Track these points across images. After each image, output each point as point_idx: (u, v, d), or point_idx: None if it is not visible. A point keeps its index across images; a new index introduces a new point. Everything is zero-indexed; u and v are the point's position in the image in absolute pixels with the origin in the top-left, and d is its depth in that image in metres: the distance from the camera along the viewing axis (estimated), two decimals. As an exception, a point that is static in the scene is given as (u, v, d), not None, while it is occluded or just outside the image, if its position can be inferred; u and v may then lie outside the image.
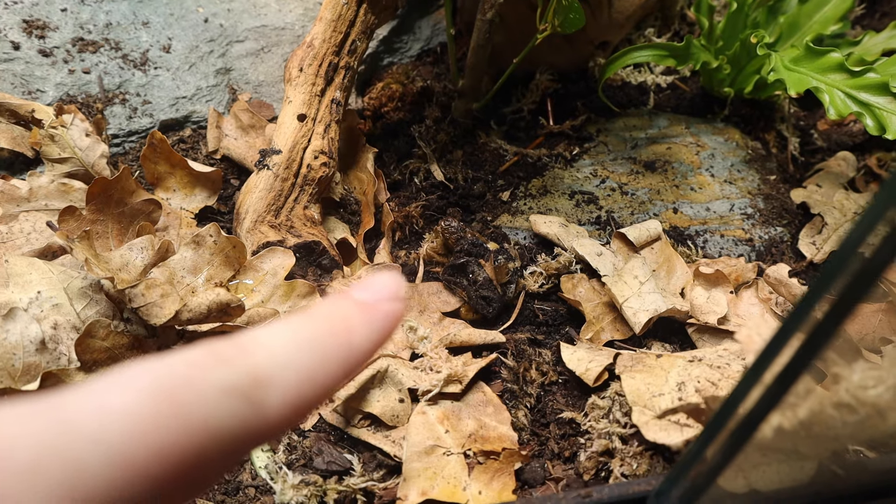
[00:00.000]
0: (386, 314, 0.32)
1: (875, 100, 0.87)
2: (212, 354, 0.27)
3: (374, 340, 0.31)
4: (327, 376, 0.29)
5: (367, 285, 0.33)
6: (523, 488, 0.70)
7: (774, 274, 0.84)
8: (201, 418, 0.25)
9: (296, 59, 0.93)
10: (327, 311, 0.31)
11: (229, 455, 0.26)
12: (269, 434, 0.27)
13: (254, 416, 0.26)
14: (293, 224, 0.87)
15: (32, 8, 1.09)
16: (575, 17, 0.88)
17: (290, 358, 0.28)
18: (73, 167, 0.94)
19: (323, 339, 0.29)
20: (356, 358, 0.30)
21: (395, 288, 0.33)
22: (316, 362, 0.29)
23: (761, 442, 0.52)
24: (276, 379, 0.27)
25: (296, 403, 0.28)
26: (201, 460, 0.25)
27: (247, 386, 0.26)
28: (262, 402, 0.26)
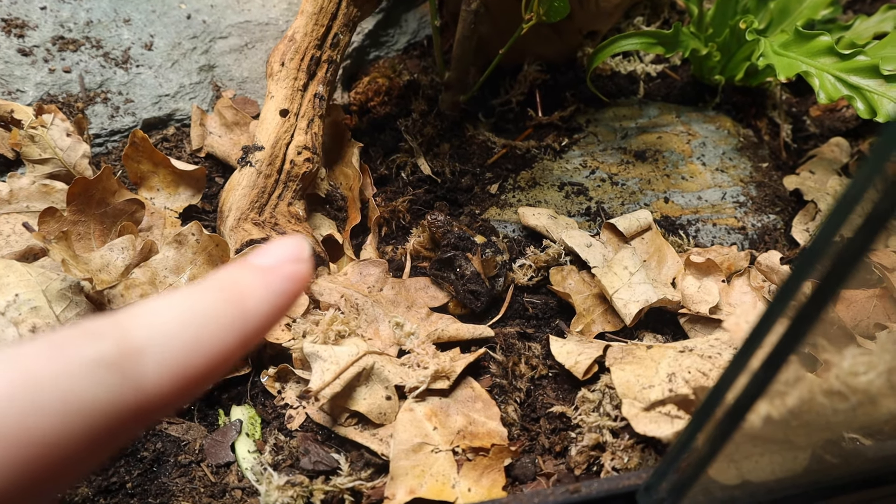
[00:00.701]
0: (286, 276, 0.31)
1: (865, 83, 0.85)
2: (80, 330, 0.25)
3: (273, 303, 0.30)
4: (215, 343, 0.28)
5: (266, 250, 0.32)
6: (514, 484, 0.69)
7: (766, 261, 0.83)
8: (62, 394, 0.23)
9: (277, 53, 0.92)
10: (217, 278, 0.30)
11: (108, 433, 0.25)
12: (151, 407, 0.26)
13: (127, 388, 0.25)
14: (277, 221, 0.86)
15: (11, 6, 1.07)
16: (559, 5, 0.87)
17: (168, 326, 0.27)
18: (54, 168, 0.93)
19: (210, 306, 0.28)
20: (252, 323, 0.29)
21: (296, 250, 0.32)
22: (201, 329, 0.27)
23: (751, 432, 0.50)
24: (150, 348, 0.26)
25: (179, 373, 0.26)
26: (70, 440, 0.23)
27: (115, 357, 0.25)
28: (136, 373, 0.25)
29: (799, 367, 0.51)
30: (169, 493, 0.70)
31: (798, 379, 0.49)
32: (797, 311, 0.38)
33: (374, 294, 0.84)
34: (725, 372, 0.44)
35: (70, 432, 0.23)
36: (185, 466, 0.73)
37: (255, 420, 0.76)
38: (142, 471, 0.72)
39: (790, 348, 0.40)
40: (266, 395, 0.78)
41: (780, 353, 0.40)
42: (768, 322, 0.40)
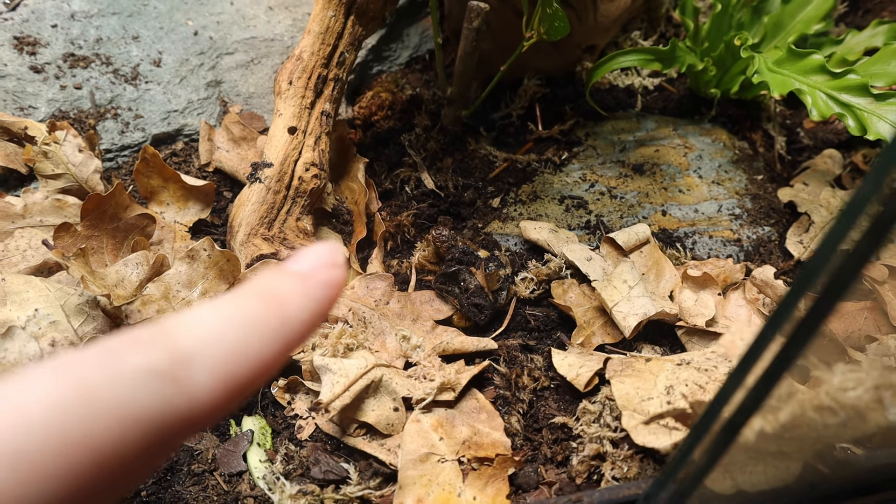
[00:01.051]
0: (322, 283, 0.31)
1: (856, 101, 0.88)
2: (129, 339, 0.25)
3: (311, 310, 0.30)
4: (259, 350, 0.28)
5: (301, 257, 0.32)
6: (517, 493, 0.71)
7: (760, 276, 0.86)
8: (117, 404, 0.23)
9: (285, 72, 0.94)
10: (257, 285, 0.30)
11: (161, 441, 0.25)
12: (202, 415, 0.26)
13: (179, 396, 0.25)
14: (286, 236, 0.89)
15: (23, 24, 1.09)
16: (559, 25, 0.89)
17: (214, 334, 0.27)
18: (66, 183, 0.95)
19: (251, 313, 0.28)
20: (293, 329, 0.29)
21: (331, 256, 0.32)
22: (245, 336, 0.27)
23: (746, 444, 0.53)
24: (200, 356, 0.26)
25: (226, 380, 0.26)
26: (126, 449, 0.23)
27: (167, 365, 0.25)
28: (187, 381, 0.25)
29: (792, 382, 0.53)
30: (183, 500, 0.73)
31: (790, 394, 0.51)
32: (793, 330, 0.41)
33: (381, 307, 0.86)
34: (722, 388, 0.46)
35: (125, 441, 0.23)
36: (198, 475, 0.75)
37: (266, 430, 0.78)
38: (156, 479, 0.74)
39: (785, 367, 0.43)
40: (276, 406, 0.80)
41: (775, 372, 0.43)
42: (764, 340, 0.42)
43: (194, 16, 1.19)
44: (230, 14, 1.22)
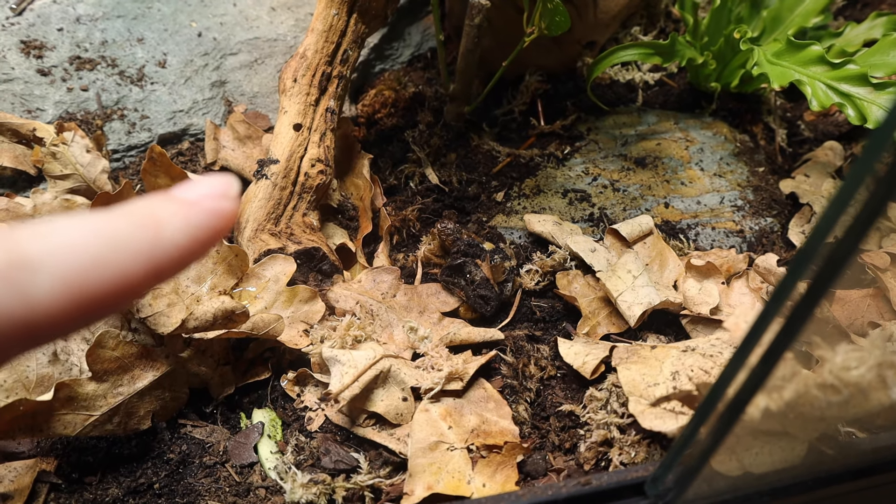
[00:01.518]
0: (207, 210, 0.30)
1: (855, 90, 0.89)
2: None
3: (189, 236, 0.29)
4: (120, 266, 0.27)
5: (191, 185, 0.31)
6: (526, 480, 0.72)
7: (763, 264, 0.86)
8: None
9: (289, 70, 0.95)
10: (134, 205, 0.29)
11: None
12: (43, 324, 0.25)
13: (14, 300, 0.24)
14: (293, 231, 0.90)
15: (29, 28, 1.11)
16: (560, 20, 0.90)
17: (69, 244, 0.26)
18: (75, 183, 0.96)
19: (119, 230, 0.27)
20: (167, 251, 0.28)
21: (223, 186, 0.31)
22: (107, 250, 0.26)
23: (751, 425, 0.54)
24: (47, 262, 0.25)
25: (76, 291, 0.25)
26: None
27: (3, 266, 0.24)
28: (26, 286, 0.24)
29: (795, 363, 0.54)
30: (195, 492, 0.74)
31: (794, 374, 0.52)
32: (791, 310, 0.42)
33: (388, 300, 0.87)
34: (726, 368, 0.47)
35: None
36: (210, 467, 0.76)
37: (276, 422, 0.79)
38: (168, 472, 0.75)
39: (785, 345, 0.44)
40: (286, 399, 0.81)
41: (776, 349, 0.44)
42: (765, 321, 0.43)
43: (198, 17, 1.21)
44: (233, 15, 1.23)
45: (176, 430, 0.78)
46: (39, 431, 0.69)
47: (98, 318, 0.27)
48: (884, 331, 0.78)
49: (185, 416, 0.80)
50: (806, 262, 0.40)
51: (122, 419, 0.73)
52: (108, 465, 0.75)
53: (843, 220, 0.38)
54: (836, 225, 0.38)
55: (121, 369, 0.73)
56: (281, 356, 0.83)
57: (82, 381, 0.70)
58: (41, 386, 0.71)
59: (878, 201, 0.36)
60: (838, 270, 0.39)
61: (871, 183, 0.36)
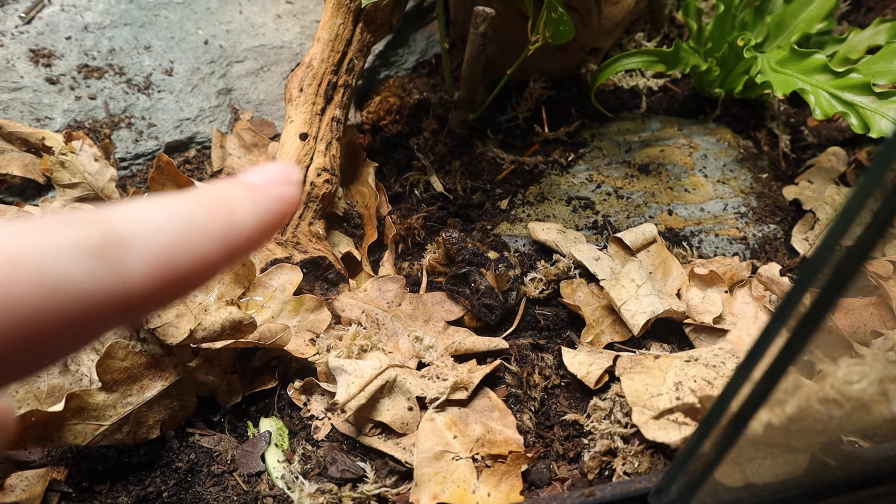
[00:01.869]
0: (274, 196, 0.32)
1: (859, 99, 0.89)
2: (66, 218, 0.25)
3: (259, 219, 0.31)
4: (200, 248, 0.28)
5: (257, 170, 0.33)
6: (530, 489, 0.73)
7: (766, 273, 0.87)
8: (44, 272, 0.24)
9: (295, 79, 0.96)
10: (206, 189, 0.30)
11: (89, 316, 0.25)
12: (134, 301, 0.26)
13: (112, 276, 0.25)
14: (299, 240, 0.90)
15: (38, 37, 1.12)
16: (565, 28, 0.91)
17: (156, 224, 0.27)
18: (83, 192, 0.97)
19: (197, 212, 0.29)
20: (239, 235, 0.30)
21: (286, 173, 0.33)
22: (187, 231, 0.28)
23: (754, 437, 0.54)
24: (137, 241, 0.26)
25: (162, 270, 0.27)
26: (51, 316, 0.24)
27: (101, 244, 0.25)
28: (121, 263, 0.25)
29: (797, 376, 0.54)
30: (203, 501, 0.74)
31: (796, 388, 0.53)
32: (796, 325, 0.42)
33: (394, 309, 0.88)
34: (730, 382, 0.48)
35: (49, 310, 0.24)
36: (218, 476, 0.77)
37: (283, 431, 0.80)
38: (177, 480, 0.76)
39: (789, 360, 0.44)
40: (293, 408, 0.82)
41: (780, 365, 0.44)
42: (769, 335, 0.44)
43: (204, 25, 1.21)
44: (239, 23, 1.24)
45: (184, 439, 0.79)
46: (50, 441, 0.70)
47: (180, 296, 0.28)
48: (886, 340, 0.79)
49: (193, 425, 0.80)
50: (809, 279, 0.41)
51: (131, 428, 0.74)
52: (118, 474, 0.76)
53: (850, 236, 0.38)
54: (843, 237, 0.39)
55: (130, 379, 0.74)
56: (288, 365, 0.84)
57: (92, 391, 0.71)
58: (52, 396, 0.72)
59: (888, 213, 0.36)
60: (843, 287, 0.40)
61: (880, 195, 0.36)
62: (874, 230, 0.37)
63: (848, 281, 0.39)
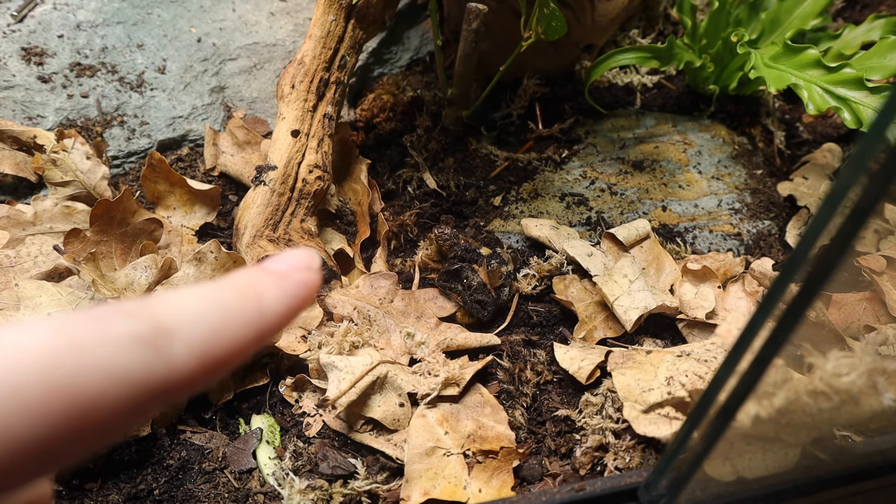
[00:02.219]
0: (298, 282, 0.34)
1: (852, 94, 0.89)
2: (117, 308, 0.28)
3: (287, 305, 0.33)
4: (235, 334, 0.30)
5: (280, 258, 0.35)
6: (522, 485, 0.73)
7: (759, 268, 0.87)
8: (103, 360, 0.26)
9: (287, 76, 0.96)
10: (237, 277, 0.33)
11: (140, 401, 0.27)
12: (178, 384, 0.28)
13: (159, 363, 0.27)
14: (291, 237, 0.90)
15: (30, 35, 1.12)
16: (557, 25, 0.91)
17: (196, 314, 0.29)
18: (75, 190, 0.97)
19: (230, 300, 0.31)
20: (268, 321, 0.32)
21: (307, 259, 0.35)
22: (223, 320, 0.30)
23: (744, 431, 0.54)
24: (181, 331, 0.28)
25: (203, 357, 0.29)
26: (108, 402, 0.25)
27: (150, 334, 0.27)
28: (167, 351, 0.28)
29: (786, 369, 0.54)
30: (195, 498, 0.74)
31: (785, 380, 0.53)
32: (780, 316, 0.42)
33: (386, 305, 0.88)
34: (717, 373, 0.47)
35: (108, 395, 0.26)
36: (209, 473, 0.76)
37: (275, 428, 0.80)
38: (168, 478, 0.76)
39: (774, 351, 0.44)
40: (284, 404, 0.82)
41: (765, 356, 0.44)
42: (754, 327, 0.43)
43: (197, 23, 1.21)
44: (232, 20, 1.23)
45: (175, 436, 0.79)
46: (39, 438, 0.69)
47: (217, 377, 0.31)
48: (879, 334, 0.79)
49: (184, 422, 0.80)
50: (793, 271, 0.40)
51: (121, 425, 0.74)
52: (109, 472, 0.75)
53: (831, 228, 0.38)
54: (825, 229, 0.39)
55: (120, 376, 0.73)
56: (279, 362, 0.84)
57: (81, 388, 0.71)
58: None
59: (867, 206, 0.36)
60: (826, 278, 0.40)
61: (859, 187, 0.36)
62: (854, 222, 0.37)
63: (829, 272, 0.39)
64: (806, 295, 0.39)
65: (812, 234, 0.39)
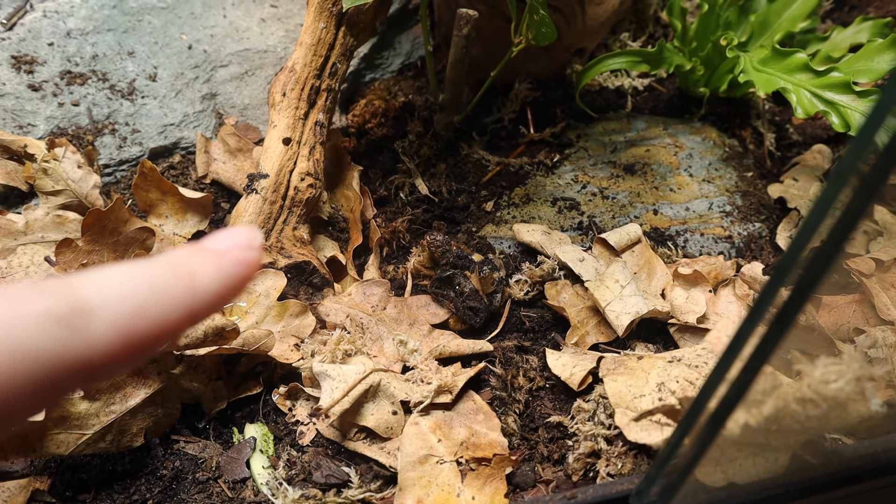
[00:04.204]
0: (236, 260, 0.33)
1: (839, 98, 0.90)
2: (35, 287, 0.28)
3: (222, 283, 0.32)
4: (163, 313, 0.30)
5: (219, 235, 0.35)
6: (515, 492, 0.73)
7: (749, 272, 0.87)
8: (13, 340, 0.25)
9: (278, 84, 0.96)
10: (172, 255, 0.32)
11: (53, 381, 0.27)
12: (97, 364, 0.28)
13: (75, 341, 0.27)
14: (283, 245, 0.90)
15: (20, 44, 1.11)
16: (547, 31, 0.91)
17: (120, 292, 0.29)
18: (67, 199, 0.97)
19: (160, 278, 0.30)
20: (201, 300, 0.31)
21: (247, 237, 0.35)
22: (151, 297, 0.30)
23: (734, 437, 0.54)
24: (102, 308, 0.28)
25: (127, 334, 0.28)
26: (17, 382, 0.25)
27: (66, 313, 0.27)
28: (85, 330, 0.27)
29: (776, 376, 0.55)
30: (189, 509, 0.74)
31: (774, 388, 0.53)
32: (770, 324, 0.42)
33: (378, 313, 0.88)
34: (707, 381, 0.48)
35: (15, 376, 0.26)
36: (202, 483, 0.76)
37: (268, 437, 0.80)
38: (162, 488, 0.76)
39: (762, 360, 0.44)
40: (278, 413, 0.82)
41: (753, 365, 0.44)
42: (743, 336, 0.44)
43: (188, 30, 1.21)
44: (223, 27, 1.23)
45: (169, 446, 0.79)
46: (33, 451, 0.69)
47: (142, 357, 0.30)
48: (868, 337, 0.79)
49: (177, 432, 0.80)
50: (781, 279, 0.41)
51: (114, 437, 0.74)
52: (102, 483, 0.75)
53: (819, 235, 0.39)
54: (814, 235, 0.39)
55: (113, 387, 0.73)
56: (272, 370, 0.84)
57: (74, 400, 0.71)
58: (33, 405, 0.71)
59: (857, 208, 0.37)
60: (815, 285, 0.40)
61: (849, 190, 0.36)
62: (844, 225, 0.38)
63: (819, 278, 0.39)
64: (795, 302, 0.39)
65: (802, 239, 0.39)
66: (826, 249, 0.39)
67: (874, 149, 0.36)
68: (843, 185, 0.37)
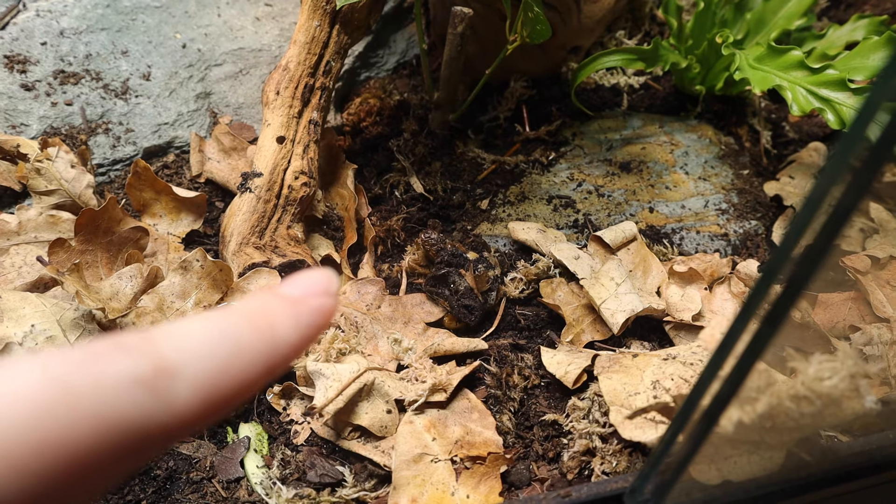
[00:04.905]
0: (314, 309, 0.32)
1: (835, 95, 0.89)
2: (115, 344, 0.26)
3: (301, 334, 0.31)
4: (245, 369, 0.28)
5: (295, 281, 0.33)
6: (510, 490, 0.73)
7: (745, 270, 0.87)
8: (98, 408, 0.24)
9: (272, 82, 0.96)
10: (248, 305, 0.30)
11: (137, 448, 0.25)
12: (180, 427, 0.26)
13: (158, 407, 0.25)
14: (277, 244, 0.90)
15: (13, 43, 1.11)
16: (541, 28, 0.91)
17: (201, 349, 0.27)
18: (60, 199, 0.96)
19: (240, 332, 0.29)
20: (281, 352, 0.30)
21: (324, 283, 0.33)
22: (232, 354, 0.28)
23: (728, 435, 0.54)
24: (184, 370, 0.26)
25: (208, 396, 0.27)
26: (102, 451, 0.24)
27: (150, 376, 0.25)
28: (169, 393, 0.25)
29: (769, 373, 0.54)
30: (183, 509, 0.74)
31: (767, 385, 0.53)
32: (762, 320, 0.42)
33: (373, 311, 0.87)
34: (700, 378, 0.48)
35: (102, 444, 0.24)
36: (197, 483, 0.76)
37: (263, 436, 0.79)
38: (156, 488, 0.75)
39: (754, 357, 0.44)
40: (272, 412, 0.81)
41: (745, 362, 0.44)
42: (737, 332, 0.44)
43: (182, 29, 1.21)
44: (218, 26, 1.23)
45: (173, 446, 0.78)
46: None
47: (221, 417, 0.29)
48: (864, 334, 0.79)
49: (171, 432, 0.80)
50: (772, 276, 0.40)
51: (107, 437, 0.73)
52: (95, 483, 0.75)
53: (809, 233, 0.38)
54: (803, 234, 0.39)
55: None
56: (266, 370, 0.83)
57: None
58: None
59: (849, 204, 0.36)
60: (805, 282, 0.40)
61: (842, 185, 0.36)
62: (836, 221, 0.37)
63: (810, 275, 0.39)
64: (787, 298, 0.39)
65: (793, 235, 0.39)
66: (818, 245, 0.38)
67: (866, 144, 0.36)
68: (835, 181, 0.37)
